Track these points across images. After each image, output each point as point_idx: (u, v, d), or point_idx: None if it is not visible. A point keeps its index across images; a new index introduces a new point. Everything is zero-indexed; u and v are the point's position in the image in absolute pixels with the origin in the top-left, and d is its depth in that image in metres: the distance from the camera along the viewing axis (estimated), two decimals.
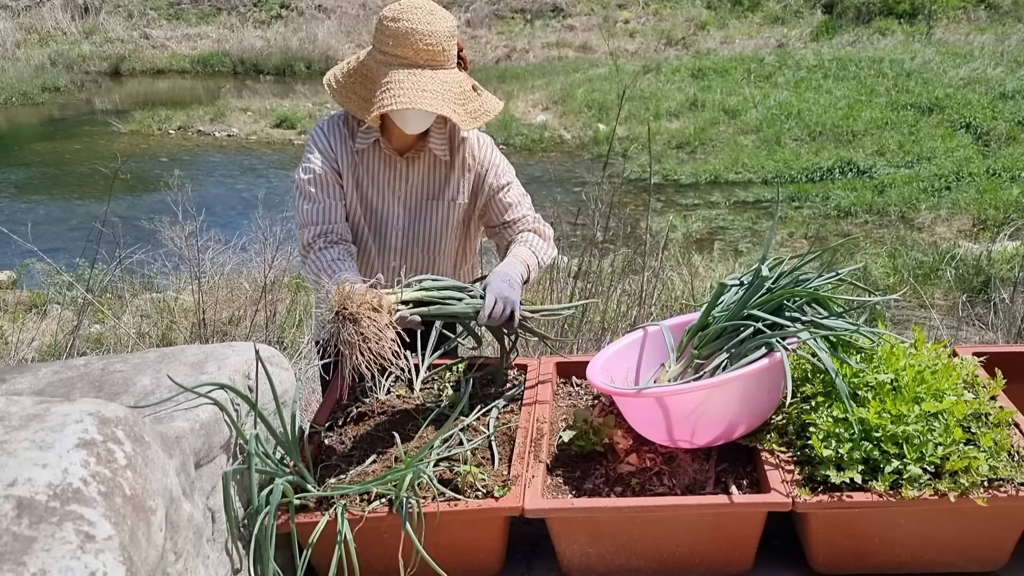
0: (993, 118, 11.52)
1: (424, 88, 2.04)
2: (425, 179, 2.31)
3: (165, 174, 6.82)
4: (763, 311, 1.88)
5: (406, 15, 2.05)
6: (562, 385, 2.26)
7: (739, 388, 1.77)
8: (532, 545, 1.93)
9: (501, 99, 2.31)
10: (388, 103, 2.03)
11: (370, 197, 2.30)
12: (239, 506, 1.73)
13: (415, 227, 2.33)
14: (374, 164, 2.28)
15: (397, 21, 2.05)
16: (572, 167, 11.52)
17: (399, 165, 2.28)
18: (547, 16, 20.04)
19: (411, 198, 2.32)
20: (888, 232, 8.41)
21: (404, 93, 2.02)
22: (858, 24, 17.79)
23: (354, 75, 2.20)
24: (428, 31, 2.05)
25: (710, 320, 1.94)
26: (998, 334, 4.32)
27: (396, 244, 2.34)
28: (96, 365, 1.84)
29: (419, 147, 2.28)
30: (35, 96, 16.78)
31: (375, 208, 2.31)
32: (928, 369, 1.81)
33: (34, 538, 1.10)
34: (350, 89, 2.20)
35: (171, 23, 20.93)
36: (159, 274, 5.82)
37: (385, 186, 2.29)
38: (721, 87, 13.75)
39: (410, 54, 2.05)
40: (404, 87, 2.03)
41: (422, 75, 2.05)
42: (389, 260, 2.36)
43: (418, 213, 2.33)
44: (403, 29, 2.04)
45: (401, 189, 2.31)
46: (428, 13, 2.07)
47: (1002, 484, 1.66)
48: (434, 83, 2.06)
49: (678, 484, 1.80)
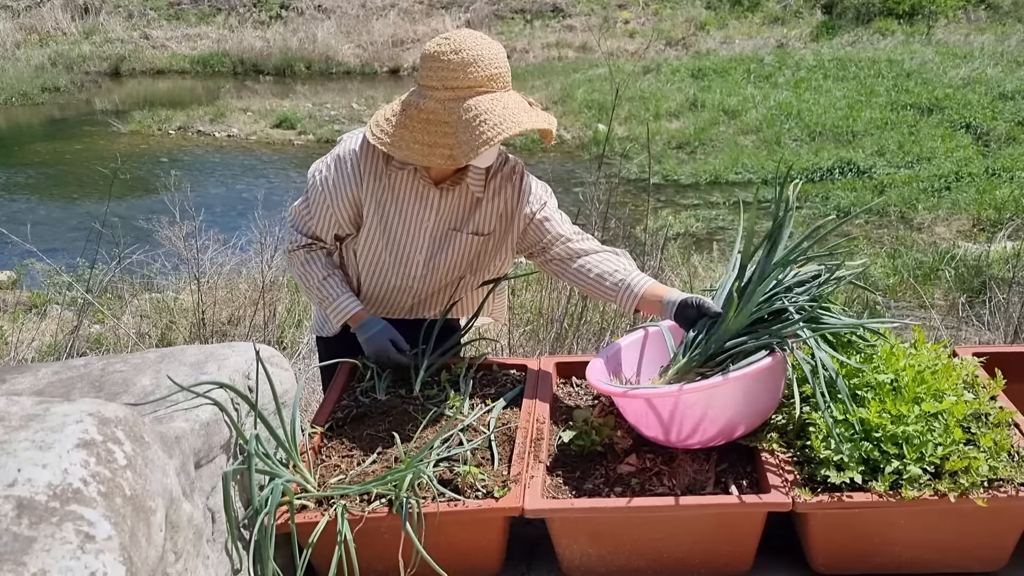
0: (993, 118, 11.52)
1: (514, 109, 1.98)
2: (454, 210, 2.21)
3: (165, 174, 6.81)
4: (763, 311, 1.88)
5: (465, 45, 1.97)
6: (562, 385, 2.26)
7: (738, 388, 1.77)
8: (532, 545, 1.93)
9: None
10: (491, 137, 1.93)
11: (394, 225, 2.20)
12: (239, 506, 1.73)
13: (436, 257, 2.24)
14: (404, 191, 2.18)
15: (458, 52, 1.96)
16: (572, 167, 11.51)
17: (431, 195, 2.18)
18: (547, 16, 20.05)
19: (438, 228, 2.22)
20: (888, 232, 8.41)
21: (502, 120, 1.95)
22: (858, 24, 17.80)
23: (409, 124, 2.03)
24: (492, 55, 1.99)
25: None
26: (998, 334, 4.32)
27: (417, 272, 2.27)
28: (96, 365, 1.84)
29: (455, 179, 2.18)
30: (35, 96, 16.78)
31: (398, 236, 2.21)
32: (928, 369, 1.81)
33: (34, 538, 1.10)
34: (410, 140, 2.03)
35: (171, 23, 20.93)
36: (159, 274, 5.81)
37: (413, 215, 2.19)
38: (721, 87, 13.76)
39: (483, 80, 1.98)
40: (494, 113, 1.95)
41: (503, 97, 1.99)
42: (408, 285, 2.29)
43: (441, 243, 2.23)
44: (469, 58, 1.96)
45: (430, 219, 2.20)
46: (482, 39, 2.01)
47: (1002, 484, 1.66)
48: (515, 103, 2.01)
49: (678, 484, 1.80)
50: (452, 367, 2.26)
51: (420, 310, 2.39)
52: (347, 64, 18.75)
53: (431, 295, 2.35)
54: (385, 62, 18.61)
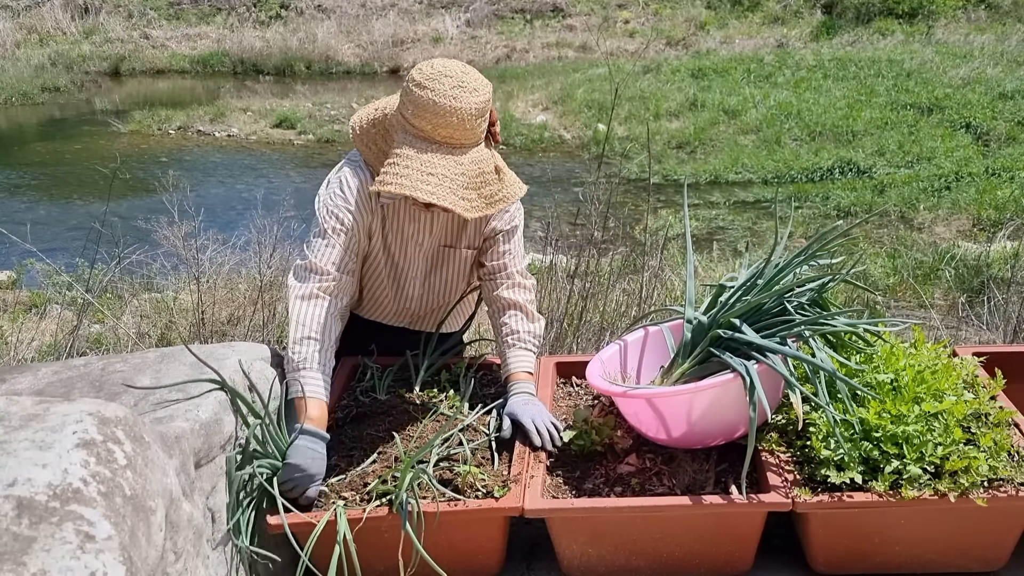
0: (993, 118, 11.52)
1: (431, 172, 1.79)
2: (445, 228, 2.18)
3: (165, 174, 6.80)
4: (764, 311, 1.88)
5: (432, 84, 1.82)
6: (562, 385, 2.26)
7: (738, 388, 1.77)
8: (532, 545, 1.93)
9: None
10: (388, 183, 1.79)
11: (393, 249, 2.17)
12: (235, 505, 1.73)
13: (432, 276, 2.24)
14: (400, 216, 2.12)
15: (422, 88, 1.82)
16: (572, 167, 11.51)
17: (424, 218, 2.13)
18: (547, 16, 20.04)
19: (431, 248, 2.20)
20: (888, 232, 8.41)
21: (408, 175, 1.78)
22: (858, 24, 17.79)
23: (378, 126, 2.01)
24: (451, 107, 1.80)
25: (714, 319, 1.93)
26: (997, 334, 4.32)
27: (413, 293, 2.25)
28: (96, 365, 1.84)
29: None
30: (35, 96, 16.77)
31: (396, 259, 2.20)
32: (928, 369, 1.81)
33: (34, 538, 1.10)
34: (371, 139, 2.03)
35: (171, 23, 20.93)
36: (158, 274, 5.81)
37: (409, 239, 2.16)
38: (721, 87, 13.75)
39: (427, 128, 1.82)
40: (410, 167, 1.79)
41: (433, 156, 1.81)
42: (404, 304, 2.28)
43: (436, 262, 2.22)
44: (424, 100, 1.81)
45: (424, 241, 2.17)
46: (456, 86, 1.82)
47: (1002, 484, 1.66)
48: (445, 167, 1.81)
49: (678, 484, 1.80)
50: (452, 367, 2.27)
51: (416, 326, 2.38)
52: (347, 64, 18.75)
53: (427, 314, 2.34)
54: (385, 62, 18.60)
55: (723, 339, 1.84)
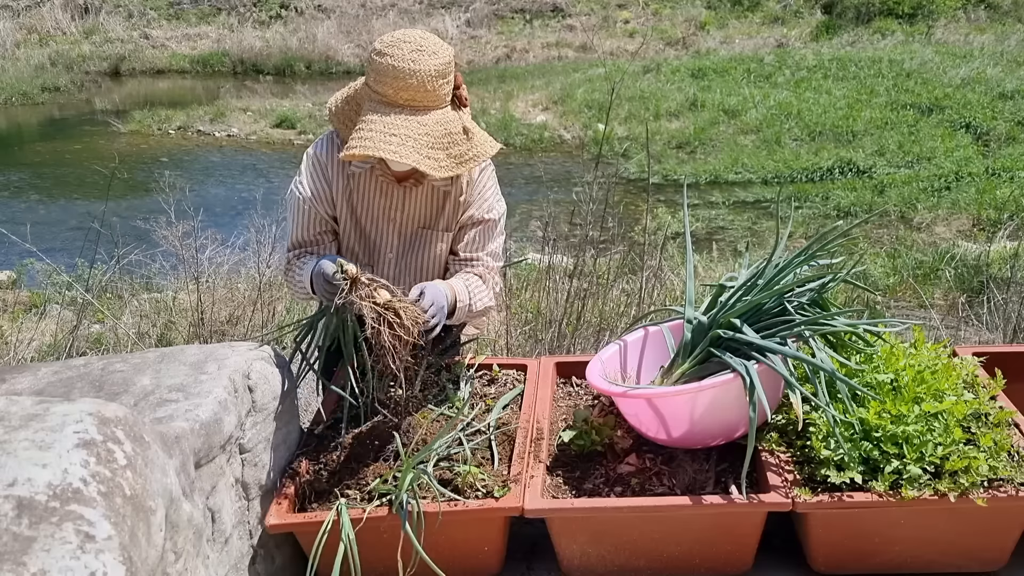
0: (993, 118, 11.52)
1: (393, 133, 1.89)
2: (422, 208, 2.20)
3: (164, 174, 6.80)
4: (764, 311, 1.88)
5: (391, 50, 1.93)
6: (562, 385, 2.26)
7: (738, 388, 1.77)
8: (532, 545, 1.93)
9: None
10: (353, 146, 1.90)
11: (363, 223, 2.21)
12: (240, 507, 1.73)
13: (408, 256, 2.24)
14: (369, 190, 2.18)
15: (382, 55, 1.94)
16: (572, 167, 11.51)
17: (395, 192, 2.17)
18: (547, 16, 20.04)
19: (407, 226, 2.22)
20: (888, 232, 8.41)
21: (371, 138, 1.89)
22: (858, 24, 17.80)
23: (351, 102, 2.10)
24: (410, 70, 1.90)
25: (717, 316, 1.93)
26: (997, 334, 4.32)
27: (389, 272, 2.24)
28: (96, 365, 1.84)
29: (419, 176, 2.15)
30: (35, 96, 16.77)
31: (368, 234, 2.23)
32: (928, 369, 1.81)
33: (34, 538, 1.10)
34: (346, 115, 2.10)
35: (171, 23, 20.93)
36: (158, 274, 5.81)
37: (380, 213, 2.20)
38: (721, 87, 13.75)
39: (389, 92, 1.93)
40: (373, 130, 1.90)
41: (396, 118, 1.92)
42: None
43: (412, 242, 2.23)
44: (384, 66, 1.92)
45: (397, 217, 2.20)
46: (415, 49, 1.93)
47: (1002, 484, 1.66)
48: (408, 127, 1.91)
49: (678, 484, 1.80)
50: (452, 367, 2.26)
51: None
52: (347, 64, 18.74)
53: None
54: None
55: (723, 339, 1.84)
